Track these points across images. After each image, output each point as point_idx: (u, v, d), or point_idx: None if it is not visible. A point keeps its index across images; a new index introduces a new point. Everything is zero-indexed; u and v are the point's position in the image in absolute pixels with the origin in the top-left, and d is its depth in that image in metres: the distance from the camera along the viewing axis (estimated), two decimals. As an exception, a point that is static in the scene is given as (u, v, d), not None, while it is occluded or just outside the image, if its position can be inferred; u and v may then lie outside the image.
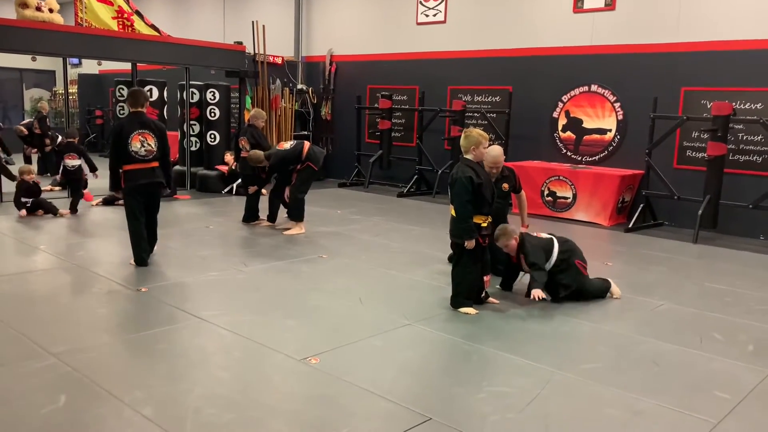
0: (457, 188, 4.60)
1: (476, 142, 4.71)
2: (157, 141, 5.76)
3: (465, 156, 4.73)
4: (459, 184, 4.58)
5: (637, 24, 9.09)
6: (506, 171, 5.73)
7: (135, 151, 5.66)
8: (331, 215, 8.75)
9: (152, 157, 5.76)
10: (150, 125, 5.79)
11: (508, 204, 5.99)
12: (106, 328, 4.35)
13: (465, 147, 4.73)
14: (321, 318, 4.59)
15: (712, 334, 4.49)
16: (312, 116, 13.24)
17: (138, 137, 5.67)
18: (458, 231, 4.68)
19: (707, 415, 3.25)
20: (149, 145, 5.72)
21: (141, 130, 5.69)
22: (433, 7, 11.38)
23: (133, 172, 5.72)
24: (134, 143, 5.66)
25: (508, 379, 3.63)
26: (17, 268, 5.74)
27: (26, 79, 18.91)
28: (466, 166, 4.65)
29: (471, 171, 4.61)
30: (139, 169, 5.73)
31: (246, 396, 3.32)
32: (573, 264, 5.04)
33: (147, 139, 5.70)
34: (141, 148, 5.68)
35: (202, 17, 15.62)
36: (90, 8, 10.00)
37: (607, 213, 8.83)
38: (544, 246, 5.02)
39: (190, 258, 6.15)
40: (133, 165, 5.70)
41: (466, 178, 4.56)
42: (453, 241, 4.83)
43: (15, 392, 3.26)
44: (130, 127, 5.69)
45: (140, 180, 5.73)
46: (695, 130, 8.57)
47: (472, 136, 4.73)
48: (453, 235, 4.77)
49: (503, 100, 10.42)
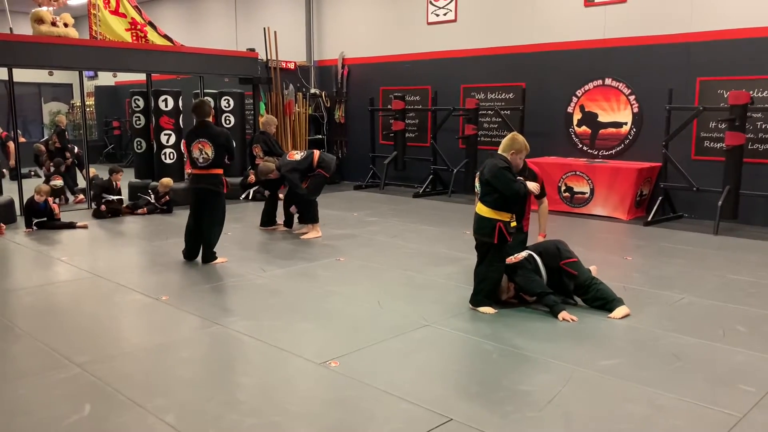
0: (499, 177, 4.54)
1: (519, 148, 4.72)
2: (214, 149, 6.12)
3: (502, 153, 4.72)
4: (500, 174, 4.53)
5: (650, 15, 9.00)
6: (527, 171, 5.66)
7: (195, 158, 6.15)
8: (347, 218, 8.77)
9: (207, 164, 6.13)
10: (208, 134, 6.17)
11: (524, 204, 5.81)
12: (128, 337, 4.41)
13: (505, 147, 4.72)
14: (340, 321, 4.61)
15: (735, 327, 4.43)
16: (326, 120, 13.29)
17: (197, 146, 6.13)
18: (484, 227, 4.64)
19: (731, 409, 3.21)
20: (206, 154, 6.11)
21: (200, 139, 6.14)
22: (444, 6, 11.36)
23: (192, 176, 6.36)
24: (194, 151, 6.15)
25: (528, 377, 3.61)
26: (40, 280, 5.83)
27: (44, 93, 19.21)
28: (501, 160, 4.65)
29: (505, 164, 4.62)
30: (194, 175, 6.26)
31: (267, 401, 3.35)
32: (560, 269, 4.79)
33: (204, 147, 6.10)
34: (199, 156, 6.13)
35: (215, 26, 15.75)
36: (104, 21, 10.12)
37: (625, 207, 8.75)
38: (532, 269, 4.77)
39: (209, 264, 6.20)
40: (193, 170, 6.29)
41: (504, 168, 4.56)
42: (478, 240, 4.77)
43: (40, 403, 3.31)
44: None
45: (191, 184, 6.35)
46: (712, 120, 8.47)
47: (519, 141, 4.73)
48: (479, 233, 4.72)
49: (517, 96, 10.38)
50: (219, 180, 6.18)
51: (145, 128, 10.63)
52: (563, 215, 8.99)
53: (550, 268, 4.80)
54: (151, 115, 10.43)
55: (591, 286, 4.77)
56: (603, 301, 4.71)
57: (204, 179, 6.15)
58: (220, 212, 6.29)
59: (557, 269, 4.79)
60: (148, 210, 9.16)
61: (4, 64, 8.67)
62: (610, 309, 4.66)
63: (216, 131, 6.18)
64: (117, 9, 10.23)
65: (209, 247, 6.26)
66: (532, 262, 4.81)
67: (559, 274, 4.80)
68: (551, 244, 4.99)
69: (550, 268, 4.80)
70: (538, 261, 4.81)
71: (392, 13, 12.22)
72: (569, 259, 4.82)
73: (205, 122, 6.18)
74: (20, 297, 5.28)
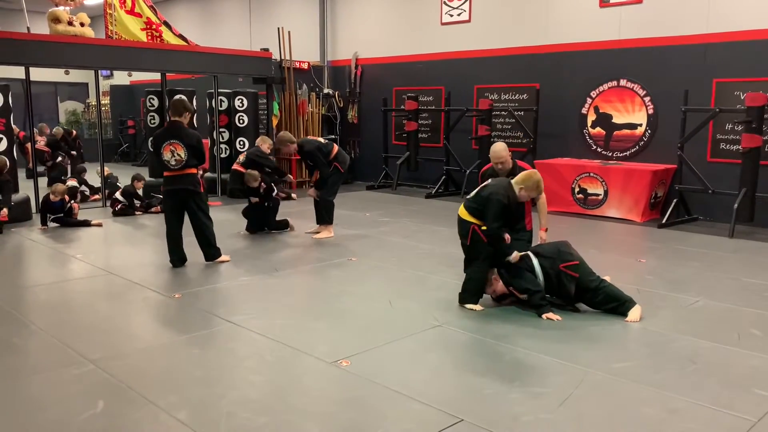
0: (490, 208, 4.63)
1: (530, 187, 4.74)
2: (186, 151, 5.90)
3: (514, 183, 4.74)
4: (493, 206, 4.62)
5: (666, 16, 8.93)
6: (517, 169, 5.67)
7: (167, 160, 5.90)
8: (359, 218, 8.78)
9: (181, 165, 5.92)
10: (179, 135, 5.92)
11: (521, 203, 5.77)
12: (142, 335, 4.43)
13: (519, 180, 4.76)
14: (351, 320, 4.61)
15: (750, 330, 4.38)
16: (339, 120, 13.31)
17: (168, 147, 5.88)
18: (462, 229, 4.87)
19: (746, 413, 3.17)
20: (179, 155, 5.88)
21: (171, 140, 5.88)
22: (458, 7, 11.34)
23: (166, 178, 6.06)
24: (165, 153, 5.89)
25: (540, 378, 3.60)
26: (54, 277, 5.88)
27: (60, 92, 19.38)
28: (507, 191, 4.69)
29: (507, 199, 4.65)
30: (169, 177, 6.00)
31: (279, 399, 3.36)
32: (559, 272, 4.71)
33: (176, 149, 5.87)
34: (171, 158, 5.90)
35: (229, 26, 15.82)
36: (120, 21, 10.20)
37: (639, 209, 8.69)
38: (525, 268, 4.75)
39: (218, 262, 6.23)
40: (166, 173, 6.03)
41: (503, 203, 4.63)
42: (461, 240, 4.93)
43: (55, 399, 3.34)
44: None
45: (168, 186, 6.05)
46: (728, 122, 8.39)
47: (532, 180, 4.75)
48: (459, 233, 4.93)
49: (531, 97, 10.34)
50: (196, 179, 6.02)
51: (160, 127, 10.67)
52: (577, 217, 8.94)
53: (548, 270, 4.71)
54: (166, 115, 10.49)
55: (599, 289, 4.66)
56: (615, 303, 4.64)
57: (181, 180, 5.94)
58: (207, 207, 6.22)
59: (556, 272, 4.70)
60: (161, 209, 9.20)
61: (22, 63, 8.77)
62: (624, 312, 4.60)
63: (188, 132, 5.99)
64: (133, 8, 10.31)
65: (211, 245, 6.16)
66: (528, 261, 4.77)
67: (558, 278, 4.70)
68: (553, 246, 4.91)
69: (548, 271, 4.72)
70: (534, 262, 4.76)
71: (406, 14, 12.22)
72: (570, 262, 4.72)
73: (176, 122, 5.97)
74: (36, 293, 5.33)
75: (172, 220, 6.09)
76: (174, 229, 6.10)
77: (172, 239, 6.10)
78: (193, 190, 5.99)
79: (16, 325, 4.50)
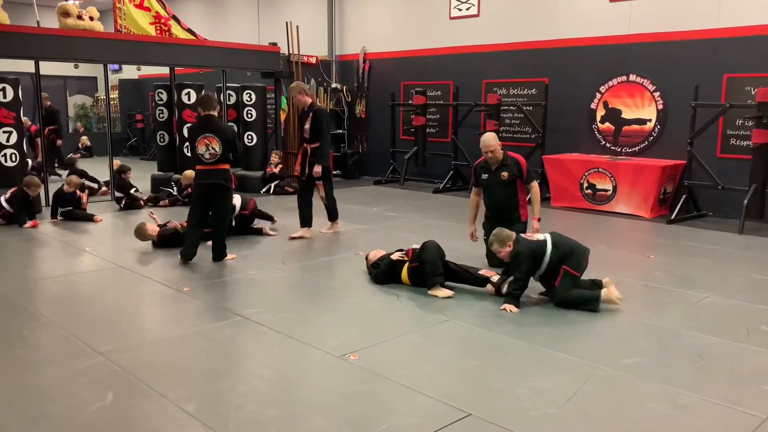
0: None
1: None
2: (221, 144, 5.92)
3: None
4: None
5: (676, 10, 8.87)
6: (508, 160, 5.68)
7: (201, 153, 5.92)
8: (367, 213, 8.78)
9: (215, 159, 5.94)
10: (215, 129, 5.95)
11: (514, 194, 5.78)
12: (150, 327, 4.46)
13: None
14: (359, 315, 4.62)
15: (759, 327, 4.36)
16: (347, 115, 13.31)
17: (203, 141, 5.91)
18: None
19: (755, 410, 3.16)
20: (213, 149, 5.90)
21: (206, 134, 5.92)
22: (466, 1, 11.30)
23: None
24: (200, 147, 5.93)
25: (548, 374, 3.59)
26: (65, 269, 5.92)
27: (69, 86, 19.43)
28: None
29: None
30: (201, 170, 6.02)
31: (286, 393, 3.37)
32: (559, 271, 4.71)
33: (211, 142, 5.90)
34: (206, 152, 5.92)
35: (237, 20, 15.83)
36: (129, 15, 10.22)
37: (648, 205, 8.65)
38: (534, 250, 4.71)
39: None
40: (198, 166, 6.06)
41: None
42: None
43: (64, 390, 3.37)
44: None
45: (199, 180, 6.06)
46: (739, 117, 8.33)
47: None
48: None
49: (539, 92, 10.29)
50: (228, 175, 6.03)
51: (168, 121, 10.73)
52: (585, 212, 8.91)
53: (552, 263, 4.70)
54: (174, 109, 10.52)
55: (561, 295, 4.68)
56: (573, 306, 4.64)
57: (213, 175, 5.94)
58: (228, 208, 6.24)
59: (555, 267, 4.71)
60: (170, 202, 9.24)
61: (31, 56, 8.80)
62: (594, 309, 4.60)
63: (222, 126, 6.04)
64: (142, 3, 10.32)
65: (222, 246, 6.12)
66: (542, 248, 4.71)
67: (555, 270, 4.71)
68: (573, 245, 4.80)
69: (552, 264, 4.70)
70: (548, 250, 4.69)
71: (414, 8, 12.18)
72: (572, 270, 4.69)
73: (210, 116, 5.99)
74: (46, 286, 5.37)
75: (196, 213, 6.06)
76: (197, 223, 6.08)
77: (192, 233, 6.05)
78: (224, 185, 5.99)
79: (27, 316, 4.53)
